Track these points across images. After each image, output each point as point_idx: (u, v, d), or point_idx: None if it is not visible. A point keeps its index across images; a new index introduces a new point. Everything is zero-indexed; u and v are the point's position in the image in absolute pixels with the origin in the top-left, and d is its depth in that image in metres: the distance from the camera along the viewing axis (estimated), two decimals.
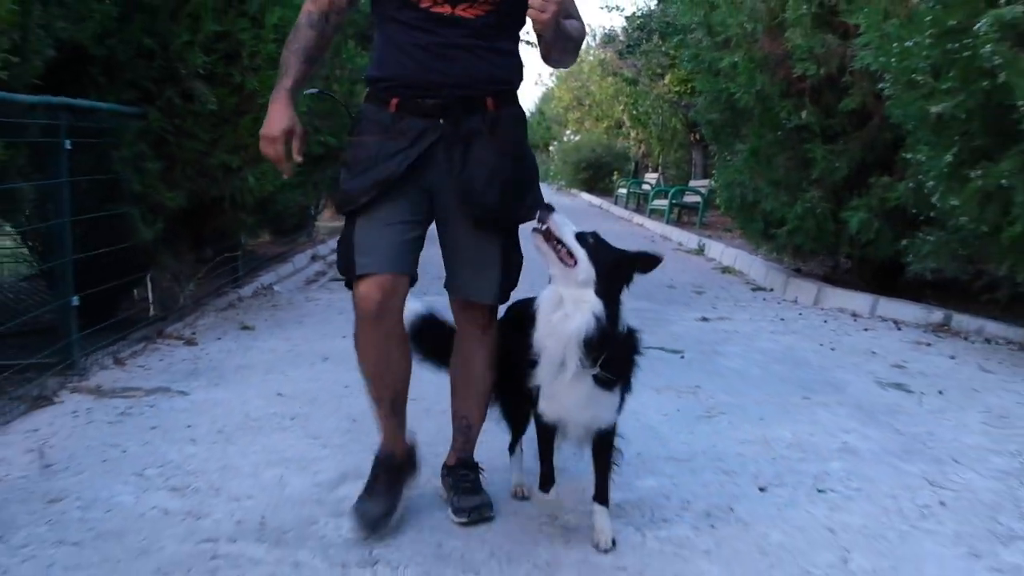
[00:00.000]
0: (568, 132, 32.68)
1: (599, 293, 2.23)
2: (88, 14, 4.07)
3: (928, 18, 4.33)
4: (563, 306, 2.25)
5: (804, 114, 6.34)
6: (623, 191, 20.37)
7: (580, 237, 2.30)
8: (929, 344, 5.36)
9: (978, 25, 4.06)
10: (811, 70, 6.08)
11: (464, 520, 2.53)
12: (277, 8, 5.20)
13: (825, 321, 6.17)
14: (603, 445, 2.42)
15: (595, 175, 26.07)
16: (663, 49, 14.47)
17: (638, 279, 2.32)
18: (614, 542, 2.40)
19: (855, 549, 2.46)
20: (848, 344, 5.36)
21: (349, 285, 2.44)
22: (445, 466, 2.70)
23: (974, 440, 3.45)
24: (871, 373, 4.56)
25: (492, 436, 2.82)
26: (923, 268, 5.36)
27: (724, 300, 7.18)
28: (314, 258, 9.04)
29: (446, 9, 2.36)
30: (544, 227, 2.29)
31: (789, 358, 4.93)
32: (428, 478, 2.76)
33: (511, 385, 2.55)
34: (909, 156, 5.04)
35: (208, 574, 2.27)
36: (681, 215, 15.27)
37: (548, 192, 27.05)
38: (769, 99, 6.52)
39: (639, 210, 17.62)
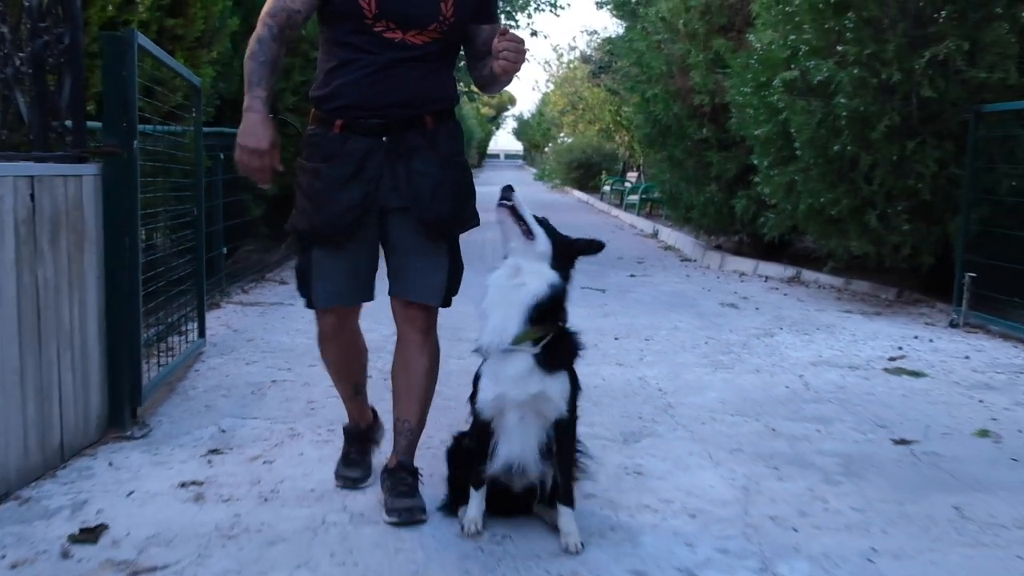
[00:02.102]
0: (562, 135, 35.11)
1: (553, 267, 2.43)
2: (233, 75, 6.66)
3: (749, 75, 6.92)
4: (520, 275, 2.40)
5: (704, 131, 8.94)
6: (607, 188, 22.87)
7: (536, 218, 2.50)
8: (777, 289, 7.94)
9: (775, 81, 6.63)
10: (706, 101, 8.67)
11: (395, 520, 2.58)
12: None
13: (718, 277, 8.76)
14: (561, 437, 2.47)
15: (586, 174, 28.48)
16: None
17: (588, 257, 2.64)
18: (583, 544, 2.46)
19: (649, 354, 5.05)
20: (722, 288, 7.94)
21: (308, 306, 2.72)
22: (385, 469, 2.77)
23: (752, 325, 6.05)
24: (722, 300, 7.15)
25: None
26: (771, 236, 7.91)
27: (654, 266, 9.74)
28: None
29: (397, 35, 2.51)
30: (510, 204, 2.45)
31: (675, 294, 7.52)
32: None
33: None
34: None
35: None
36: (652, 208, 17.80)
37: (543, 190, 29.64)
38: (681, 120, 9.12)
39: (620, 205, 20.13)
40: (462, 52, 2.77)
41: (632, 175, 23.26)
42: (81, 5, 3.44)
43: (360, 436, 2.99)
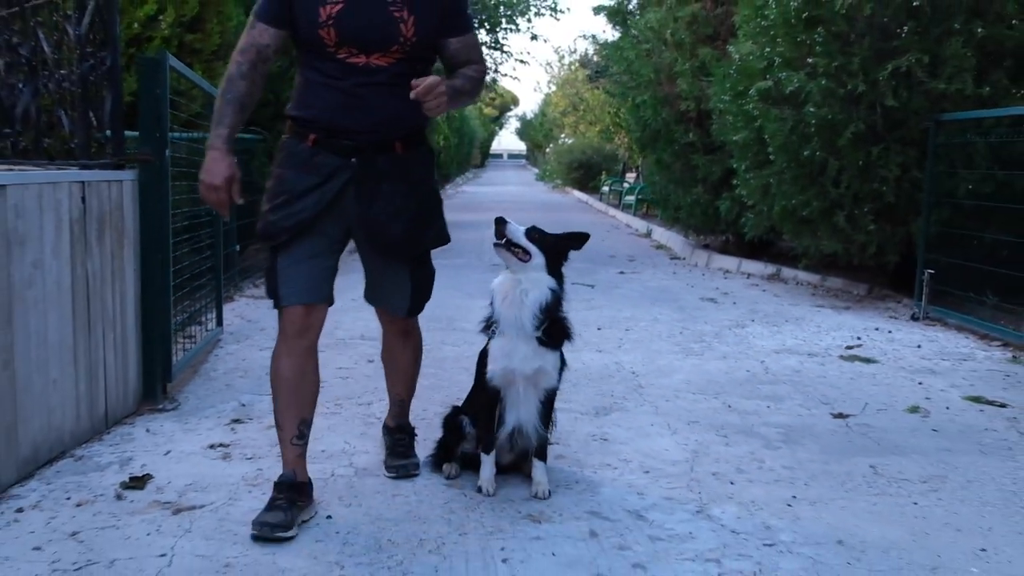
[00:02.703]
0: (563, 136, 35.57)
1: (549, 271, 2.86)
2: None
3: (727, 84, 7.40)
4: (521, 284, 2.84)
5: (690, 135, 9.42)
6: (606, 189, 23.34)
7: (528, 234, 2.85)
8: (757, 285, 8.42)
9: (751, 91, 7.11)
10: (691, 107, 9.15)
11: (394, 475, 3.08)
12: None
13: (703, 274, 9.23)
14: (546, 406, 2.99)
15: (586, 174, 28.96)
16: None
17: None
18: (550, 492, 2.98)
19: (627, 343, 5.53)
20: (705, 284, 8.41)
21: (276, 306, 2.72)
22: (385, 426, 3.30)
23: (725, 316, 6.53)
24: (702, 295, 7.63)
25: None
26: (752, 235, 8.39)
27: (644, 263, 10.21)
28: None
29: (360, 59, 2.59)
30: (504, 240, 2.81)
31: (660, 289, 8.00)
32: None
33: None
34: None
35: (344, 348, 5.33)
36: (649, 208, 18.27)
37: (543, 191, 30.12)
38: (669, 124, 9.61)
39: (618, 205, 20.60)
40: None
41: (631, 176, 23.74)
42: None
43: (292, 486, 2.69)
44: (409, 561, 2.49)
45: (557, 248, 2.92)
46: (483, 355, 3.07)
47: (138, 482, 3.00)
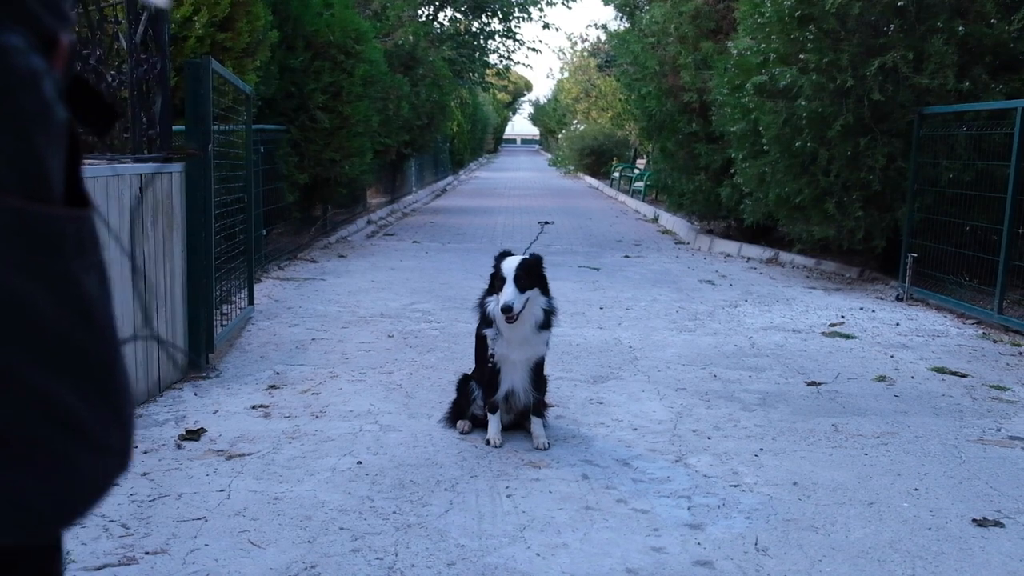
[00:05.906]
0: (575, 122, 35.92)
1: (542, 293, 3.47)
2: (272, 79, 7.62)
3: (726, 78, 7.81)
4: (523, 317, 3.40)
5: (693, 125, 9.83)
6: (616, 175, 23.74)
7: (516, 282, 3.35)
8: (755, 268, 8.85)
9: (747, 85, 7.52)
10: (694, 98, 9.55)
11: None
12: (362, 64, 8.75)
13: (704, 258, 9.66)
14: (537, 371, 3.55)
15: (597, 160, 29.36)
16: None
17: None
18: (549, 444, 3.48)
19: (626, 320, 5.98)
20: (705, 267, 8.85)
21: None
22: None
23: (721, 297, 6.97)
24: (701, 277, 8.07)
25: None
26: (750, 221, 8.81)
27: (649, 248, 10.65)
28: (369, 222, 12.60)
29: None
30: (515, 317, 3.33)
31: (662, 272, 8.44)
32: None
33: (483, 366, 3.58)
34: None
35: (366, 325, 5.81)
36: (658, 194, 18.66)
37: (556, 176, 30.47)
38: (672, 115, 10.02)
39: (628, 191, 21.00)
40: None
41: (640, 162, 24.10)
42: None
43: None
44: (428, 496, 2.96)
45: (540, 273, 3.47)
46: (480, 337, 3.61)
47: (193, 434, 3.48)
